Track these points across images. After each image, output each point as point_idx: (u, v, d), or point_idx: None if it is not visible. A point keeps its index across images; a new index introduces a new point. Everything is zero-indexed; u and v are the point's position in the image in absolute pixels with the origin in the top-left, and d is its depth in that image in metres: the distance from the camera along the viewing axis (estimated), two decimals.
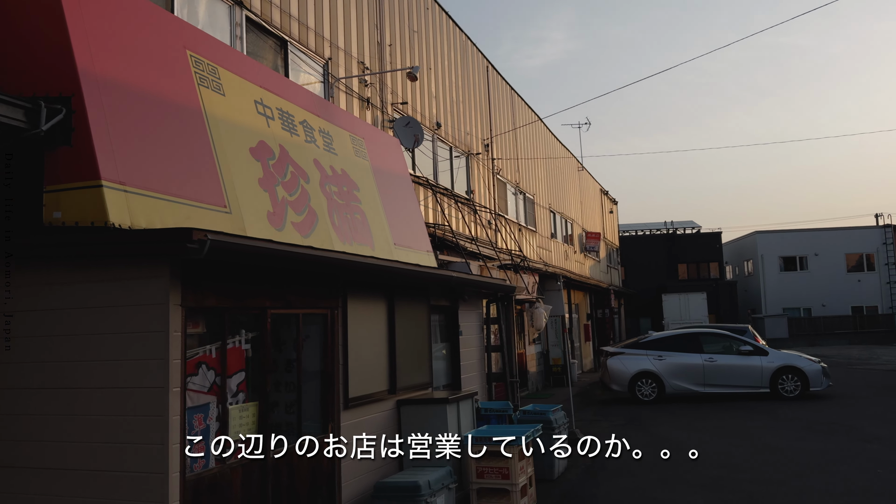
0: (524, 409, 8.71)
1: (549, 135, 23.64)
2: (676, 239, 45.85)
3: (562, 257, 23.78)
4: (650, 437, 11.36)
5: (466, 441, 6.80)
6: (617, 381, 16.31)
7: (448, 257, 11.37)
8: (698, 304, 36.07)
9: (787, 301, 42.83)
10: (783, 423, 12.29)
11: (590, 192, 30.69)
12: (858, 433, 10.93)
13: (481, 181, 15.87)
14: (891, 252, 42.79)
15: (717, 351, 15.97)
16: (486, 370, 10.01)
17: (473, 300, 9.56)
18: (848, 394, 16.07)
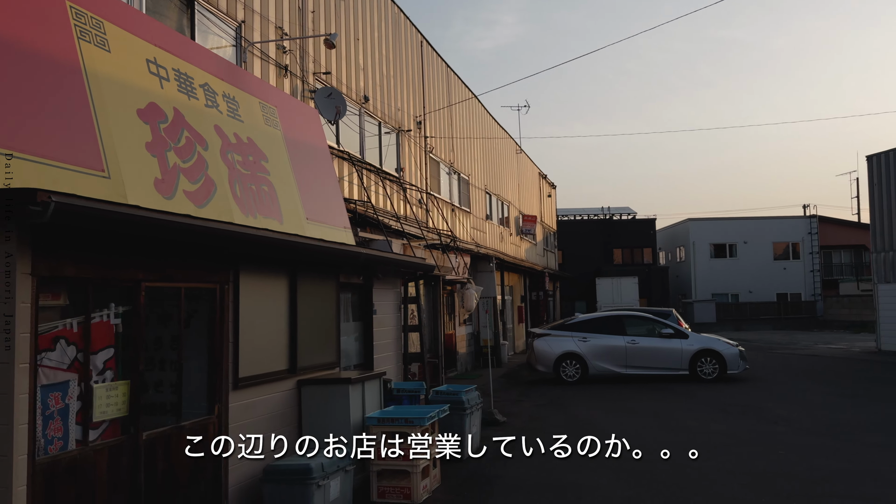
0: (437, 390, 8.55)
1: (486, 116, 23.47)
2: (612, 224, 46.64)
3: (497, 239, 23.75)
4: (568, 417, 11.41)
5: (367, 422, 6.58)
6: (542, 363, 16.39)
7: (370, 235, 11.08)
8: (630, 288, 36.80)
9: (717, 287, 44.18)
10: (698, 404, 12.54)
11: (528, 175, 30.75)
12: (768, 415, 11.22)
13: (412, 159, 15.57)
14: (815, 241, 44.56)
15: (640, 334, 16.21)
16: (404, 350, 9.80)
17: (390, 279, 9.32)
18: (764, 377, 16.57)
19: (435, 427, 7.12)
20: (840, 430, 9.73)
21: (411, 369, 13.02)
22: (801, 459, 7.95)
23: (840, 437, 9.23)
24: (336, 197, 9.68)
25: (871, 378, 16.11)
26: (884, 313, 22.82)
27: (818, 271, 44.29)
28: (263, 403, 6.27)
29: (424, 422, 6.55)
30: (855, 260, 46.08)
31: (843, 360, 21.01)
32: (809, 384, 15.13)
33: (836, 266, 46.36)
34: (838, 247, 45.95)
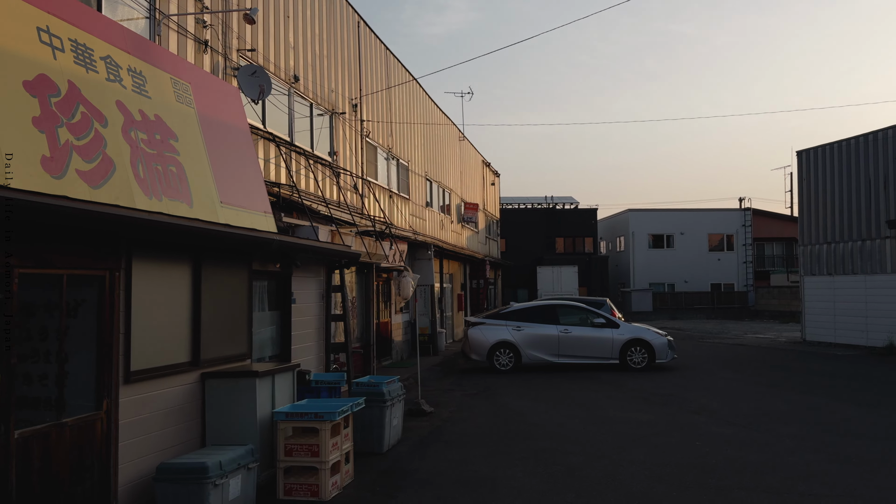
0: (358, 382, 8.32)
1: (428, 101, 23.18)
2: (555, 213, 47.08)
3: (437, 227, 23.57)
4: (496, 408, 11.36)
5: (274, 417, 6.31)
6: (476, 351, 16.35)
7: (295, 221, 10.72)
8: (570, 276, 37.24)
9: (654, 276, 45.16)
10: (624, 394, 12.68)
11: (471, 162, 30.63)
12: (690, 405, 11.40)
13: (347, 143, 15.20)
14: (749, 233, 45.95)
15: (573, 323, 16.33)
16: (327, 340, 9.52)
17: (312, 267, 9.01)
18: (691, 366, 16.92)
19: (348, 421, 6.90)
20: (758, 421, 9.94)
21: (341, 359, 12.76)
22: (715, 451, 8.05)
23: (757, 428, 9.42)
24: (256, 180, 9.29)
25: (793, 368, 16.63)
26: (809, 305, 23.65)
27: (751, 263, 45.72)
28: (161, 398, 5.93)
29: (335, 416, 6.32)
30: (786, 252, 47.76)
31: (769, 349, 21.69)
32: (734, 374, 15.51)
33: (768, 258, 47.97)
34: (771, 239, 47.54)
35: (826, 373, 15.54)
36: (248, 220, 8.57)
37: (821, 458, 7.64)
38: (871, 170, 21.11)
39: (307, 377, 8.44)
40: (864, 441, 8.52)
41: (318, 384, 8.35)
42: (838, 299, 22.21)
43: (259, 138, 11.06)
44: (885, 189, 20.53)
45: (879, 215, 20.68)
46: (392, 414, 8.32)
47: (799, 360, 18.52)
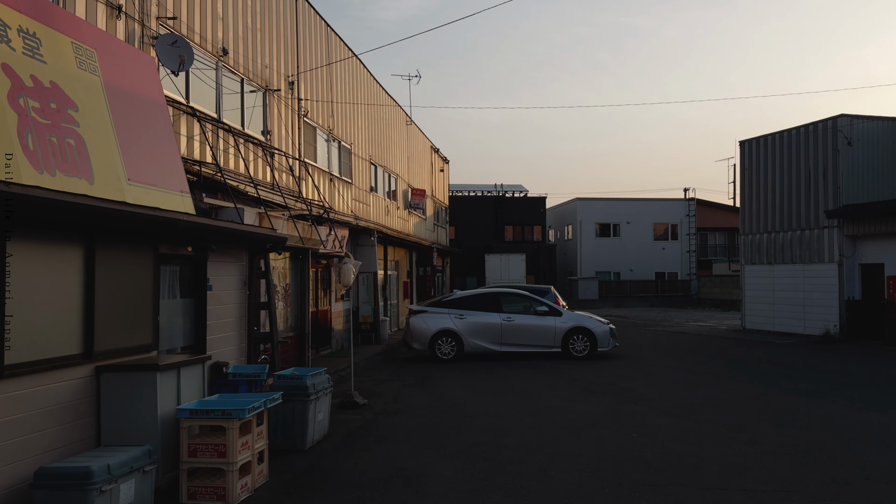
0: (280, 374, 7.78)
1: (373, 83, 22.52)
2: (505, 201, 46.96)
3: (382, 213, 23.00)
4: (433, 399, 10.97)
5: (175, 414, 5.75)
6: (418, 340, 15.94)
7: (220, 202, 10.06)
8: (518, 264, 37.16)
9: (601, 265, 45.55)
10: (565, 382, 12.45)
11: (419, 148, 30.08)
12: (629, 394, 11.22)
13: (283, 122, 14.50)
14: (693, 223, 46.71)
15: (516, 311, 16.07)
16: (250, 330, 8.92)
17: (233, 251, 8.41)
18: (633, 354, 16.88)
19: (263, 417, 6.38)
20: (695, 411, 9.80)
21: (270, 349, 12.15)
22: (652, 443, 7.82)
23: (694, 419, 9.26)
24: (172, 157, 8.61)
25: (732, 356, 16.75)
26: (749, 293, 24.02)
27: (694, 252, 46.52)
28: (44, 395, 5.31)
29: (244, 413, 5.80)
30: (728, 242, 48.79)
31: (709, 338, 21.91)
32: (675, 362, 15.50)
33: (711, 247, 48.93)
34: (714, 229, 48.47)
35: (764, 361, 15.67)
36: (161, 199, 7.92)
37: (757, 450, 7.49)
38: (811, 160, 21.45)
39: (224, 369, 7.88)
40: (800, 431, 8.43)
41: (237, 377, 7.80)
42: (777, 288, 22.59)
43: (182, 114, 10.35)
44: (824, 179, 20.89)
45: (818, 205, 21.04)
46: (317, 408, 7.82)
47: (738, 348, 18.71)
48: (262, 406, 6.14)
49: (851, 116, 20.32)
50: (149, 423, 5.81)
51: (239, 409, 5.79)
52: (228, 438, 5.73)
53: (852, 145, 20.14)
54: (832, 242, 20.45)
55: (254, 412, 5.96)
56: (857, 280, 19.91)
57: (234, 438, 5.73)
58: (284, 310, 12.92)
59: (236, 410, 5.77)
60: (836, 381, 12.63)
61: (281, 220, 11.24)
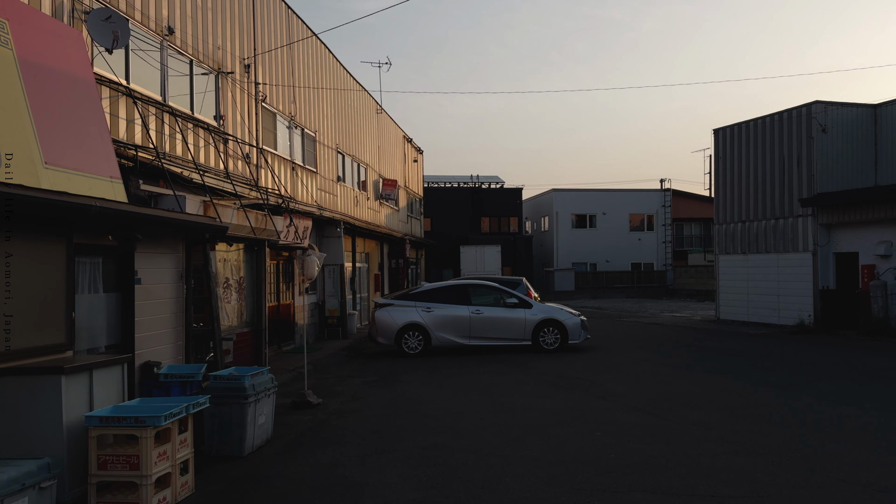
0: (216, 375, 7.17)
1: (339, 69, 21.81)
2: (481, 193, 46.45)
3: (350, 203, 22.34)
4: (393, 397, 10.42)
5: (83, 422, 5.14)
6: (384, 334, 15.37)
7: (160, 189, 9.38)
8: (493, 256, 36.72)
9: (577, 256, 45.26)
10: (532, 377, 11.97)
11: (390, 137, 29.41)
12: (597, 389, 10.77)
13: (238, 107, 13.80)
14: (668, 214, 46.58)
15: (485, 303, 15.56)
16: (188, 326, 8.29)
17: (167, 241, 7.77)
18: (604, 346, 16.47)
19: (187, 424, 5.78)
20: (665, 406, 9.36)
21: (225, 346, 11.52)
22: (616, 443, 7.35)
23: (663, 415, 8.82)
24: (101, 140, 7.94)
25: (706, 348, 16.40)
26: (723, 283, 23.75)
27: (670, 242, 46.42)
28: None
29: (160, 420, 5.20)
30: (704, 232, 48.77)
31: (683, 329, 21.61)
32: (647, 354, 15.10)
33: (687, 238, 48.88)
34: (689, 219, 48.40)
35: (738, 352, 15.33)
36: (86, 186, 7.26)
37: (727, 450, 7.04)
38: (784, 148, 21.17)
39: (156, 370, 7.26)
40: (773, 427, 8.02)
41: (169, 378, 7.18)
42: (752, 278, 22.34)
43: (120, 96, 9.65)
44: (798, 167, 20.62)
45: (793, 193, 20.78)
46: (257, 411, 7.23)
47: (712, 339, 18.39)
48: (182, 412, 5.53)
49: (826, 103, 20.04)
50: (53, 433, 5.20)
51: (154, 415, 5.19)
52: (142, 449, 5.13)
53: (827, 132, 19.87)
54: (806, 231, 20.21)
55: (172, 419, 5.36)
56: (832, 269, 19.69)
57: (147, 449, 5.13)
58: (239, 304, 12.28)
59: (151, 417, 5.17)
60: (810, 372, 12.30)
61: (230, 209, 10.59)
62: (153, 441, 5.18)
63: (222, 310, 11.58)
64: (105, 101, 9.40)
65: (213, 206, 9.90)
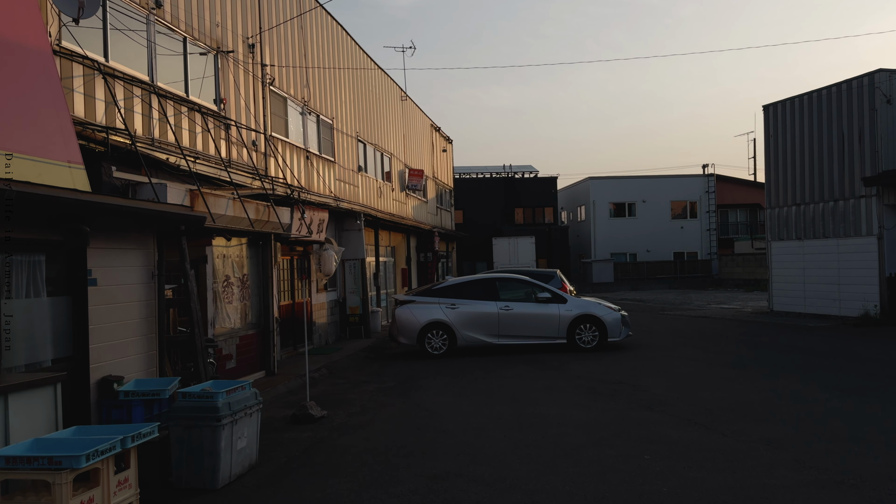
0: (186, 392, 6.04)
1: (359, 52, 20.64)
2: (514, 183, 44.96)
3: (373, 195, 21.22)
4: (408, 407, 9.22)
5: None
6: (405, 334, 14.19)
7: (137, 177, 8.32)
8: (527, 248, 35.28)
9: (616, 246, 43.48)
10: (567, 382, 10.65)
11: (416, 126, 28.20)
12: (642, 396, 9.40)
13: (242, 91, 12.73)
14: (713, 200, 44.43)
15: (515, 298, 14.25)
16: (161, 333, 7.18)
17: (132, 235, 6.68)
18: (648, 343, 15.02)
19: (129, 459, 4.65)
20: (723, 418, 7.97)
21: (223, 351, 10.48)
22: (669, 470, 6.01)
23: (722, 429, 7.44)
24: (59, 121, 6.88)
25: (761, 344, 14.82)
26: (776, 272, 21.97)
27: (714, 230, 44.30)
28: None
29: (81, 462, 4.07)
30: (750, 219, 46.47)
31: (734, 322, 19.96)
32: (696, 352, 13.62)
33: (732, 225, 46.63)
34: (734, 206, 46.15)
35: (798, 349, 13.74)
36: (34, 171, 6.20)
37: (809, 479, 5.65)
38: (843, 123, 19.30)
39: (116, 386, 6.17)
40: (859, 446, 6.57)
41: (131, 396, 6.08)
42: (808, 266, 20.53)
43: (97, 74, 8.62)
44: (859, 143, 18.74)
45: (853, 172, 18.92)
46: (235, 434, 6.09)
47: (767, 333, 16.75)
48: (116, 447, 4.40)
49: (890, 71, 18.12)
50: None
51: (73, 456, 4.06)
52: (56, 497, 4.01)
53: (892, 103, 17.96)
54: (870, 213, 18.35)
55: (98, 458, 4.23)
56: None
57: (63, 497, 4.00)
58: (242, 304, 11.22)
59: (68, 458, 4.04)
60: (888, 374, 10.70)
61: (224, 199, 9.49)
62: (70, 487, 4.05)
63: (221, 311, 10.54)
64: (78, 80, 8.39)
65: (200, 196, 8.81)
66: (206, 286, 10.08)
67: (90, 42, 8.74)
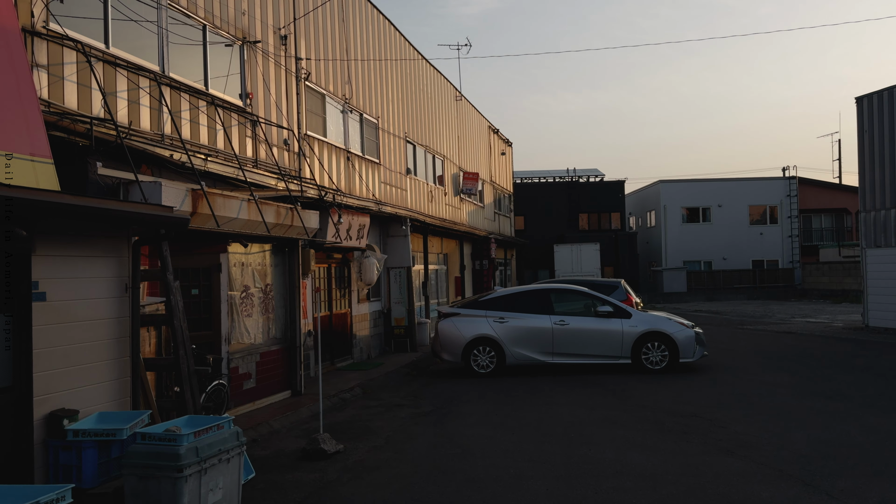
0: (143, 433, 4.91)
1: (409, 48, 19.55)
2: (578, 187, 43.05)
3: (423, 199, 20.06)
4: (437, 442, 7.91)
5: None
6: (449, 350, 12.89)
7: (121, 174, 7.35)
8: (591, 255, 33.40)
9: (689, 254, 40.99)
10: (629, 412, 9.10)
11: (472, 127, 26.94)
12: (721, 435, 7.80)
13: (273, 85, 11.78)
14: (794, 204, 41.39)
15: (572, 312, 12.74)
16: (134, 356, 6.10)
17: (96, 240, 5.64)
18: (726, 365, 13.21)
19: None
20: (826, 469, 6.33)
21: (244, 369, 9.45)
22: None
23: (826, 486, 5.82)
24: (22, 108, 5.94)
25: (860, 367, 12.79)
26: (872, 283, 19.55)
27: (797, 236, 41.21)
28: None
29: None
30: (836, 224, 43.06)
31: (824, 339, 17.75)
32: (784, 376, 11.77)
33: (816, 231, 43.30)
34: (818, 210, 42.83)
35: None
36: None
37: None
38: None
39: (66, 423, 5.10)
40: None
41: (81, 436, 5.00)
42: None
43: (100, 62, 7.75)
44: None
45: None
46: (205, 485, 4.92)
47: (866, 354, 14.61)
48: None
49: None
50: None
51: None
52: None
53: None
54: None
55: None
56: None
57: None
58: (264, 317, 10.18)
59: None
60: None
61: (236, 201, 8.45)
62: None
63: (238, 325, 9.51)
64: (70, 67, 7.51)
65: (204, 197, 7.77)
66: (219, 298, 9.07)
67: (91, 27, 7.88)
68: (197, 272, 8.88)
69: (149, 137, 8.10)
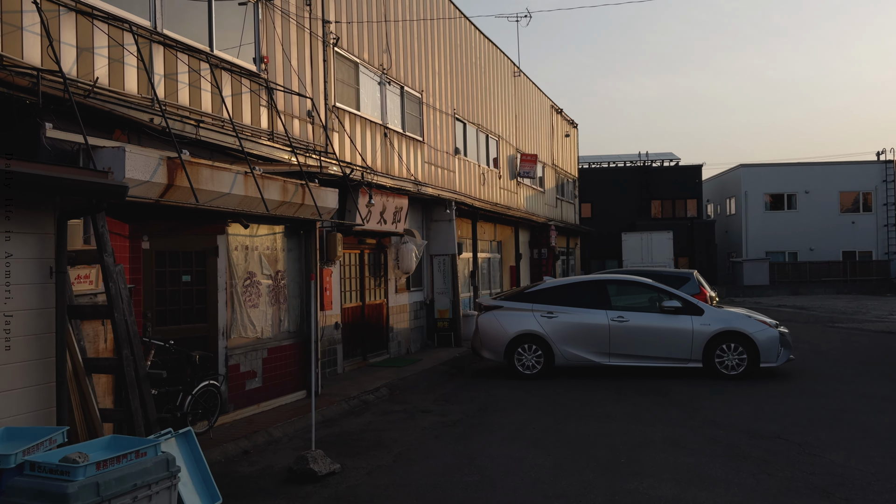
0: (33, 461, 3.75)
1: (457, 15, 18.05)
2: (651, 172, 40.55)
3: (474, 181, 18.63)
4: (456, 463, 6.54)
5: None
6: (490, 347, 11.48)
7: (106, 141, 6.27)
8: (663, 244, 31.12)
9: (772, 244, 37.96)
10: (696, 432, 7.47)
11: (532, 106, 25.24)
12: (813, 467, 6.11)
13: (294, 50, 10.61)
14: (891, 190, 37.69)
15: (632, 306, 11.10)
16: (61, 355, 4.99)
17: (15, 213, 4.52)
18: (815, 371, 11.26)
19: None
20: None
21: (248, 367, 8.34)
22: None
23: None
24: None
25: None
26: None
27: (894, 226, 37.49)
28: None
29: None
30: None
31: None
32: (886, 387, 9.80)
33: None
34: None
35: None
36: None
37: None
38: None
39: None
40: None
41: None
42: None
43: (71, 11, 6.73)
44: None
45: None
46: None
47: None
48: None
49: None
50: None
51: None
52: None
53: None
54: None
55: None
56: None
57: None
58: (274, 308, 9.04)
59: None
60: None
61: (229, 173, 7.30)
62: None
63: (241, 316, 8.39)
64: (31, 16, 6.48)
65: (182, 168, 6.62)
66: (216, 286, 7.97)
67: None
68: (189, 256, 7.80)
69: (122, 98, 7.01)
